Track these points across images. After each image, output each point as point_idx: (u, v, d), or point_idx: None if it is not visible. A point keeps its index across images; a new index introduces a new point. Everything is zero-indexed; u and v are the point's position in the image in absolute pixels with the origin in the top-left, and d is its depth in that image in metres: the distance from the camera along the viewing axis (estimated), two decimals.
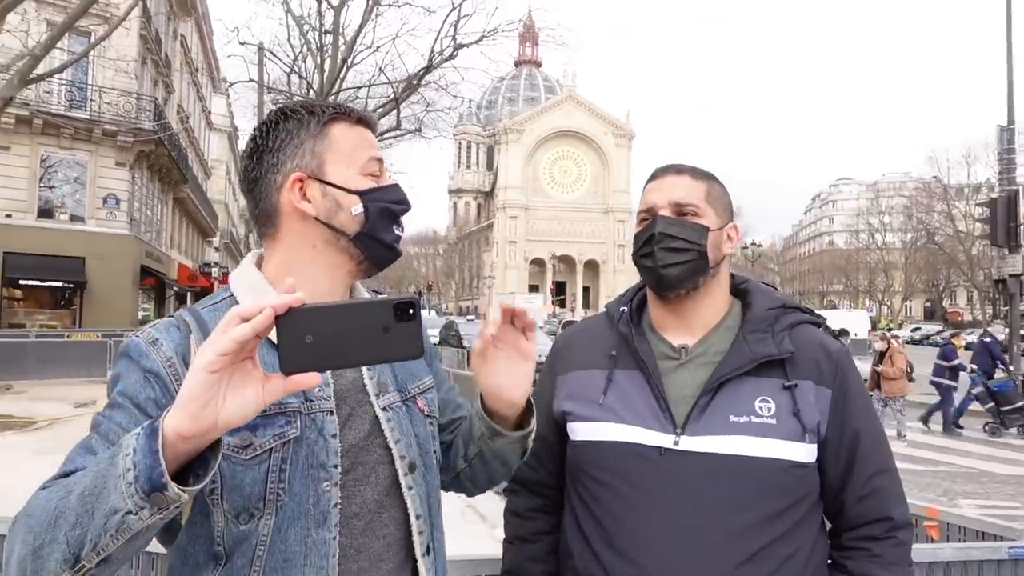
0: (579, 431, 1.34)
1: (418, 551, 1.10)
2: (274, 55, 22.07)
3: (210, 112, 43.74)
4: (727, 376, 1.26)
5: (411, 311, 0.78)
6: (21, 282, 20.53)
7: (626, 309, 1.41)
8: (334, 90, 19.97)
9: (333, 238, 1.10)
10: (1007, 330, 14.74)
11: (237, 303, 1.09)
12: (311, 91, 21.47)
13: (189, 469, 0.79)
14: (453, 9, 20.19)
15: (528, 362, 1.11)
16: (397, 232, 1.14)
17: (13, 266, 19.70)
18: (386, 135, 22.51)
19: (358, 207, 1.09)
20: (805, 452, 1.24)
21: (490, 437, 1.17)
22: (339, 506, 1.03)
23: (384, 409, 1.11)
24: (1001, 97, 15.29)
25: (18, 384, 13.70)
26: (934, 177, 59.15)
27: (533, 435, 1.20)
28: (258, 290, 1.09)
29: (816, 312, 1.43)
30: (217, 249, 45.16)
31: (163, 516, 0.77)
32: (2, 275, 19.61)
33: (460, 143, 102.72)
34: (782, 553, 1.20)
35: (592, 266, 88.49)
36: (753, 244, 46.06)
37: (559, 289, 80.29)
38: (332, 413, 1.05)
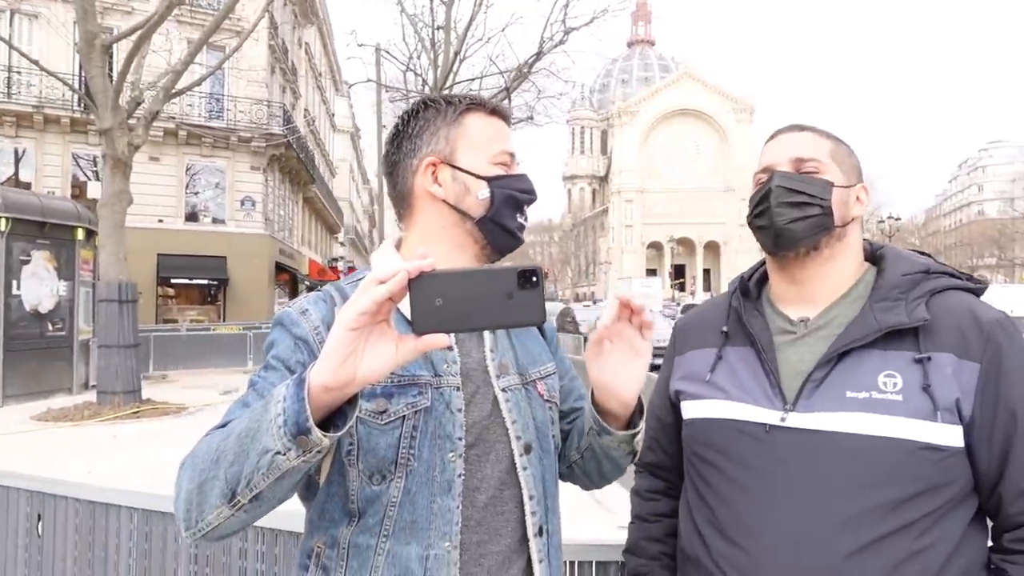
0: (688, 409, 1.29)
1: (530, 531, 1.13)
2: (390, 55, 22.78)
3: (333, 114, 45.86)
4: (846, 348, 1.13)
5: (534, 279, 0.82)
6: (173, 281, 22.53)
7: (738, 283, 1.33)
8: (447, 84, 20.36)
9: (460, 220, 1.16)
10: None
11: None
12: (426, 87, 21.99)
13: (330, 421, 0.87)
14: None
15: (641, 359, 1.12)
16: (520, 220, 1.19)
17: (165, 266, 21.62)
18: None
19: (485, 192, 1.15)
20: (942, 433, 1.07)
21: (598, 433, 1.19)
22: (463, 477, 1.08)
23: (503, 390, 1.15)
24: None
25: (173, 374, 15.04)
26: None
27: (640, 436, 1.21)
28: None
29: (976, 278, 1.23)
30: (343, 244, 47.48)
31: (306, 459, 0.86)
32: (156, 275, 21.56)
33: (573, 129, 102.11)
34: (907, 547, 1.05)
35: (713, 247, 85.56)
36: (890, 218, 42.83)
37: (678, 272, 78.40)
38: (459, 389, 1.11)
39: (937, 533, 1.06)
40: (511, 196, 1.16)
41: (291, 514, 1.64)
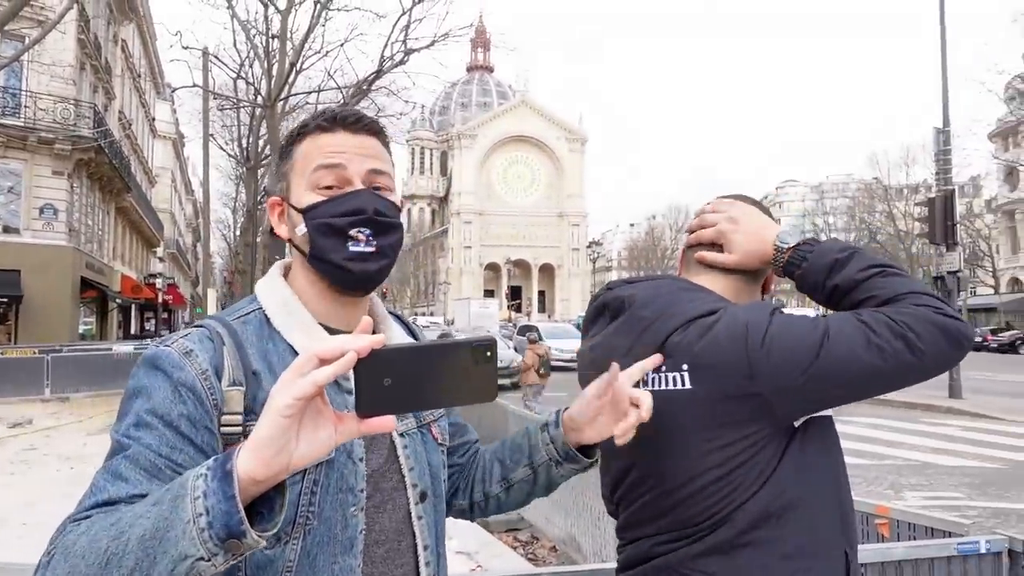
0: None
1: None
2: (219, 60, 21.63)
3: (154, 119, 42.58)
4: None
5: (488, 354, 0.77)
6: None
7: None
8: (282, 95, 19.60)
9: (302, 258, 1.08)
10: None
11: (267, 317, 1.06)
12: (259, 96, 21.02)
13: (251, 507, 0.75)
14: (404, 14, 20.06)
15: (615, 432, 1.08)
16: (353, 248, 1.02)
17: None
18: None
19: (302, 227, 1.04)
20: None
21: (559, 462, 1.19)
22: (364, 532, 1.01)
23: (401, 435, 1.09)
24: (937, 100, 15.88)
25: None
26: (875, 178, 60.93)
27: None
28: (290, 308, 1.06)
29: None
30: (162, 259, 43.80)
31: (236, 562, 0.75)
32: None
33: (413, 149, 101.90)
34: None
35: (547, 270, 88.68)
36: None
37: (514, 294, 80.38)
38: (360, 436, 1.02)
39: None
40: (325, 224, 1.01)
41: None
